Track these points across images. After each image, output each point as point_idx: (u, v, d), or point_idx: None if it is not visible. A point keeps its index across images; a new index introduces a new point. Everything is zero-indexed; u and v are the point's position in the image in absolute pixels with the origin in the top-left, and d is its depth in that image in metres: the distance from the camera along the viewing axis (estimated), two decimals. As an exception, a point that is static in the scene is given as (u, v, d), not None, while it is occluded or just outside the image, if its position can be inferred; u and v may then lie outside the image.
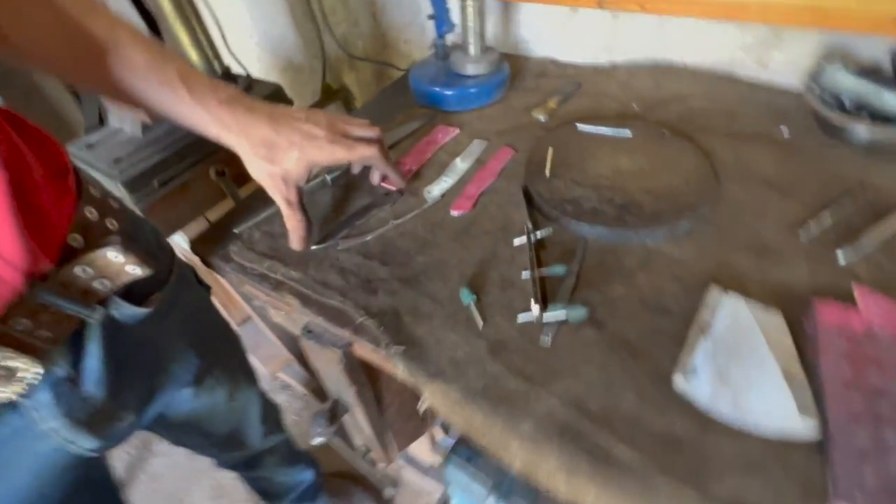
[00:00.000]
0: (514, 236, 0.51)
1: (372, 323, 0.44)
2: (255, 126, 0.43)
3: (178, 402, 0.59)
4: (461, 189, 0.58)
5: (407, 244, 0.52)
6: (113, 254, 0.38)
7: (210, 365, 0.61)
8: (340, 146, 0.46)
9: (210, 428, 0.71)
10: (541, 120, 0.68)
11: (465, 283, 0.47)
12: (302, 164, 0.45)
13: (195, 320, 0.58)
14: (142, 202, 0.77)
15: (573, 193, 0.53)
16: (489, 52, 0.73)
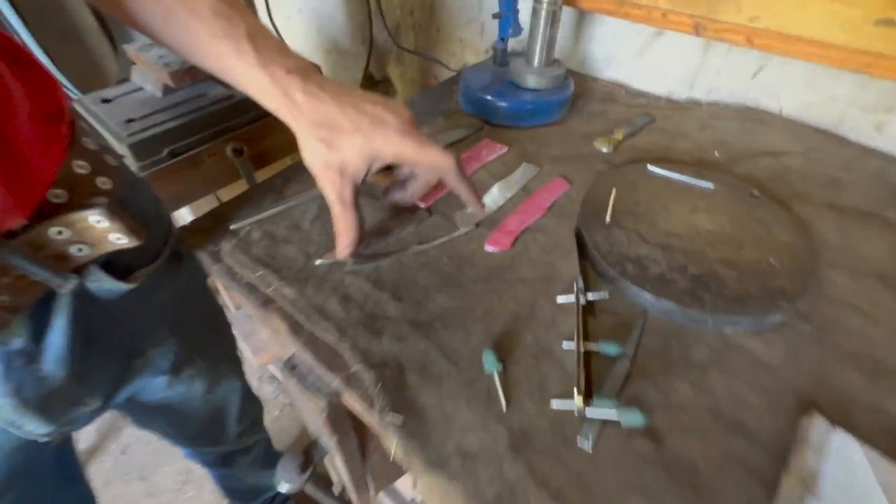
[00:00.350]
0: (559, 292, 0.42)
1: (369, 375, 0.36)
2: (319, 102, 0.36)
3: (150, 389, 0.55)
4: (501, 220, 0.49)
5: (427, 278, 0.43)
6: (96, 217, 0.33)
7: (192, 354, 0.56)
8: (412, 141, 0.37)
9: (181, 419, 0.66)
10: (603, 151, 0.58)
11: (491, 342, 0.38)
12: (364, 154, 0.36)
13: (183, 304, 0.52)
14: (147, 170, 0.70)
15: (637, 251, 0.43)
16: (555, 65, 0.64)
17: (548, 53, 0.62)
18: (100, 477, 1.29)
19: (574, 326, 0.38)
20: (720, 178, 0.51)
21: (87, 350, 0.41)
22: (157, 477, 1.29)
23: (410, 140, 0.37)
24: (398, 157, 0.38)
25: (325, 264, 0.44)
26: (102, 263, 0.37)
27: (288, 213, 0.50)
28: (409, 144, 0.37)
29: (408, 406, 0.34)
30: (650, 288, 0.40)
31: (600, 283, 0.43)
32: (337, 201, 0.38)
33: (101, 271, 0.37)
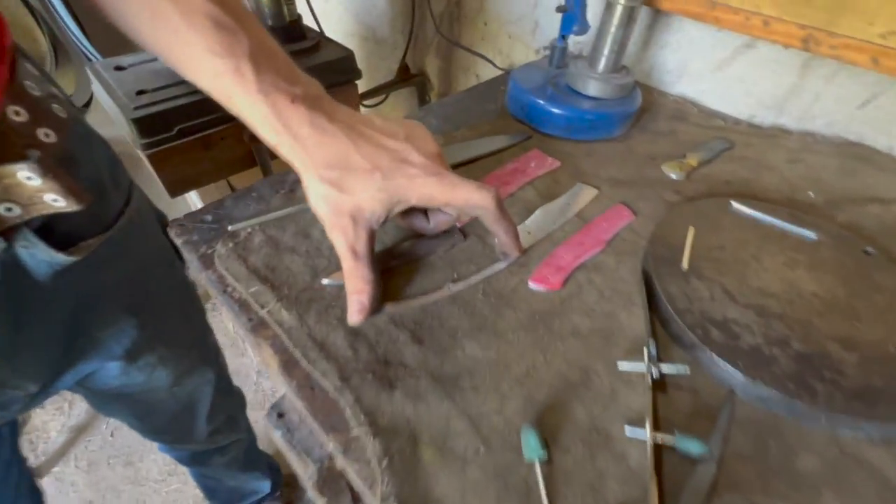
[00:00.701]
0: (621, 354, 0.33)
1: (374, 445, 0.28)
2: (328, 137, 0.30)
3: (102, 375, 0.50)
4: (550, 252, 0.40)
5: (455, 317, 0.35)
6: (26, 173, 0.29)
7: (152, 341, 0.51)
8: (440, 181, 0.31)
9: (144, 411, 0.61)
10: (672, 178, 0.49)
11: (533, 415, 0.30)
12: (382, 197, 0.30)
13: (144, 283, 0.47)
14: (153, 148, 0.64)
15: (724, 311, 0.34)
16: (623, 72, 0.55)
17: (616, 58, 0.53)
18: (86, 457, 1.24)
19: (640, 406, 0.29)
20: (822, 227, 0.41)
21: (19, 329, 0.36)
22: (143, 464, 1.24)
23: (439, 180, 0.31)
24: (425, 200, 0.31)
25: (334, 285, 0.37)
26: (39, 228, 0.33)
27: (298, 217, 0.42)
28: (437, 185, 0.31)
29: (420, 496, 0.26)
30: (743, 365, 0.31)
31: (673, 348, 0.34)
32: (348, 254, 0.31)
33: (34, 237, 0.33)
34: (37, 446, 1.26)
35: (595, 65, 0.54)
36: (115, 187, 0.41)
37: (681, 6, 0.53)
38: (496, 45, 0.86)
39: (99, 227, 0.40)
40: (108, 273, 0.43)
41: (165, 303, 0.51)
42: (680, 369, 0.30)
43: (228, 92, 0.29)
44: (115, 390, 0.54)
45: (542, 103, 0.53)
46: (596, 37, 0.53)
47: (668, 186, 0.48)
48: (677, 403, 0.31)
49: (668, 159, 0.52)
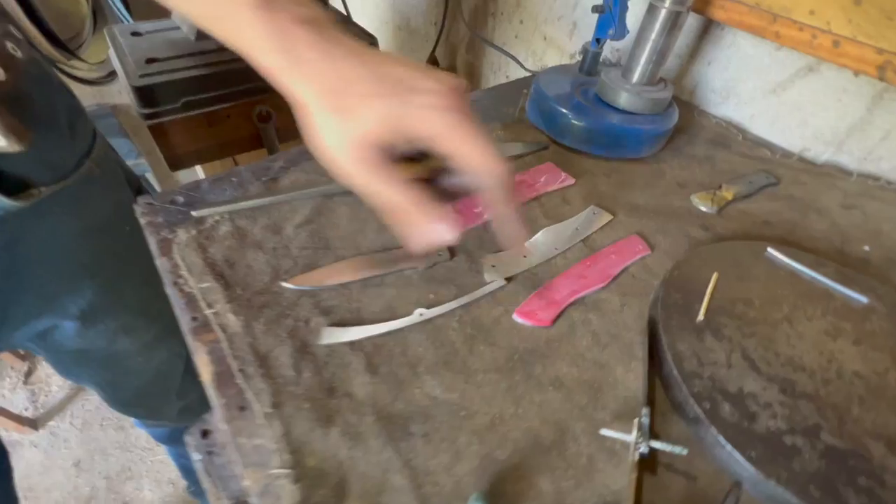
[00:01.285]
0: (608, 417, 0.28)
1: (291, 490, 0.23)
2: (334, 62, 0.25)
3: (58, 335, 0.48)
4: (544, 282, 0.35)
5: (421, 346, 0.30)
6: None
7: (113, 305, 0.49)
8: (455, 119, 0.24)
9: (108, 380, 0.59)
10: (702, 210, 0.43)
11: (487, 481, 0.25)
12: (388, 124, 0.24)
13: (106, 244, 0.45)
14: (156, 118, 0.62)
15: (741, 382, 0.28)
16: (661, 86, 0.49)
17: (654, 69, 0.47)
18: (81, 415, 1.26)
19: (621, 486, 0.24)
20: (877, 290, 0.35)
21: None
22: (133, 431, 1.25)
23: (454, 117, 0.24)
24: (433, 136, 0.25)
25: (294, 290, 0.33)
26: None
27: (272, 209, 0.39)
28: (450, 123, 0.24)
29: (332, 566, 0.21)
30: (756, 455, 0.25)
31: (673, 419, 0.28)
32: (381, 185, 0.25)
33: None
34: (38, 398, 1.29)
35: (629, 75, 0.48)
36: (72, 136, 0.40)
37: (737, 16, 0.47)
38: (530, 46, 0.81)
39: (53, 176, 0.38)
40: (62, 227, 0.41)
41: (130, 267, 0.49)
42: (675, 449, 0.25)
43: (220, 11, 0.25)
44: (75, 354, 0.52)
45: (563, 111, 0.48)
46: (634, 43, 0.47)
47: (695, 220, 0.42)
48: (668, 489, 0.25)
49: (701, 189, 0.45)
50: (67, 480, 1.15)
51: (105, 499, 1.13)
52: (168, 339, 0.57)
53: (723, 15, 0.48)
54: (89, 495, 1.13)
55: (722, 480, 0.26)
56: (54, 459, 1.18)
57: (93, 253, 0.45)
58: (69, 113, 0.40)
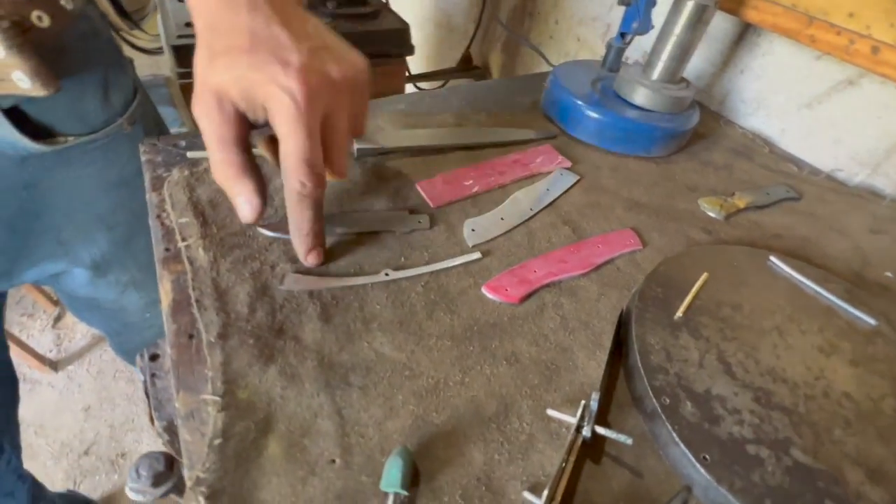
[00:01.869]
0: (558, 399, 0.26)
1: (217, 418, 0.23)
2: (230, 6, 0.24)
3: (70, 280, 0.50)
4: (522, 260, 0.34)
5: (380, 304, 0.30)
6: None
7: (125, 260, 0.50)
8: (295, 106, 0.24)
9: (116, 329, 0.62)
10: (709, 215, 0.41)
11: (416, 441, 0.24)
12: (240, 87, 0.24)
13: (128, 200, 0.46)
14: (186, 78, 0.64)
15: (711, 384, 0.26)
16: (682, 86, 0.47)
17: (675, 66, 0.45)
18: (97, 364, 1.33)
19: (553, 468, 0.22)
20: (890, 315, 0.31)
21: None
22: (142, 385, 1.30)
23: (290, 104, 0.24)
24: (267, 111, 0.25)
25: (268, 237, 0.33)
26: (12, 112, 0.34)
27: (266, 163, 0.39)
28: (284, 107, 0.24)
29: (237, 495, 0.21)
30: (712, 458, 0.23)
31: (630, 412, 0.26)
32: (213, 137, 0.26)
33: (0, 114, 0.34)
34: (62, 342, 1.37)
35: (650, 70, 0.46)
36: (106, 93, 0.41)
37: (770, 18, 0.44)
38: (563, 47, 0.80)
39: (81, 128, 0.40)
40: (85, 178, 0.43)
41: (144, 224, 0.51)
42: (620, 437, 0.23)
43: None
44: (86, 299, 0.54)
45: (578, 102, 0.47)
46: (657, 38, 0.45)
47: (698, 223, 0.40)
48: (608, 480, 0.23)
49: (711, 194, 0.43)
50: (75, 423, 1.21)
51: (106, 446, 1.17)
52: None
53: (755, 16, 0.45)
54: (92, 440, 1.18)
55: (671, 482, 0.24)
56: (67, 402, 1.24)
57: (112, 206, 0.46)
58: (110, 71, 0.41)
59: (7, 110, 0.35)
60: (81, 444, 1.17)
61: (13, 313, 1.39)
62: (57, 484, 1.09)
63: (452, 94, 0.53)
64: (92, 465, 1.14)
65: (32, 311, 1.41)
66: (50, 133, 0.38)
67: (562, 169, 0.42)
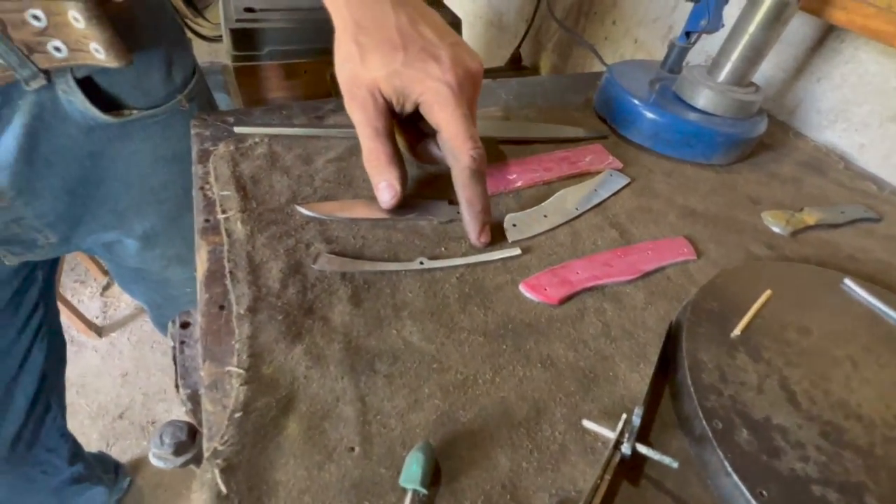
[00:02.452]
0: (595, 411, 0.24)
1: (237, 391, 0.23)
2: (374, 3, 0.28)
3: (121, 250, 0.52)
4: (563, 260, 0.32)
5: (413, 292, 0.29)
6: (74, 13, 0.31)
7: (173, 235, 0.51)
8: (449, 95, 0.28)
9: (158, 302, 0.64)
10: (773, 231, 0.37)
11: (440, 438, 0.22)
12: (395, 84, 0.28)
13: (177, 172, 0.47)
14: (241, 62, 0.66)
15: (771, 412, 0.23)
16: (750, 90, 0.43)
17: (745, 68, 0.42)
18: (137, 334, 1.39)
19: (586, 484, 0.20)
20: None
21: (39, 169, 0.38)
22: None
23: (447, 93, 0.28)
24: (422, 104, 0.29)
25: (306, 216, 0.32)
26: (84, 81, 0.36)
27: (308, 142, 0.39)
28: (441, 95, 0.28)
29: (252, 471, 0.20)
30: (769, 494, 0.20)
31: (674, 433, 0.24)
32: (368, 131, 0.30)
33: (75, 84, 0.35)
34: (108, 310, 1.44)
35: (716, 72, 0.43)
36: (169, 69, 0.42)
37: (860, 20, 0.40)
38: (619, 49, 0.76)
39: (145, 102, 0.41)
40: (143, 151, 0.44)
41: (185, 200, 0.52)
42: (665, 459, 0.21)
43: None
44: (133, 270, 0.56)
45: (634, 102, 0.44)
46: (727, 38, 0.42)
47: (760, 237, 0.37)
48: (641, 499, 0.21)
49: (775, 208, 0.39)
50: (113, 388, 1.27)
51: (139, 412, 1.23)
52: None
53: (842, 17, 0.41)
54: (127, 405, 1.24)
55: (718, 516, 0.21)
56: (107, 367, 1.31)
57: (163, 181, 0.47)
58: (173, 47, 0.43)
59: (80, 81, 0.36)
60: (117, 407, 1.23)
61: (67, 279, 1.48)
62: (92, 443, 1.15)
63: (501, 88, 0.51)
64: (124, 429, 1.19)
65: (84, 279, 1.49)
66: (116, 105, 0.39)
67: (612, 170, 0.40)
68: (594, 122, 0.48)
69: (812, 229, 0.38)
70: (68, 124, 0.38)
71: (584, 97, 0.52)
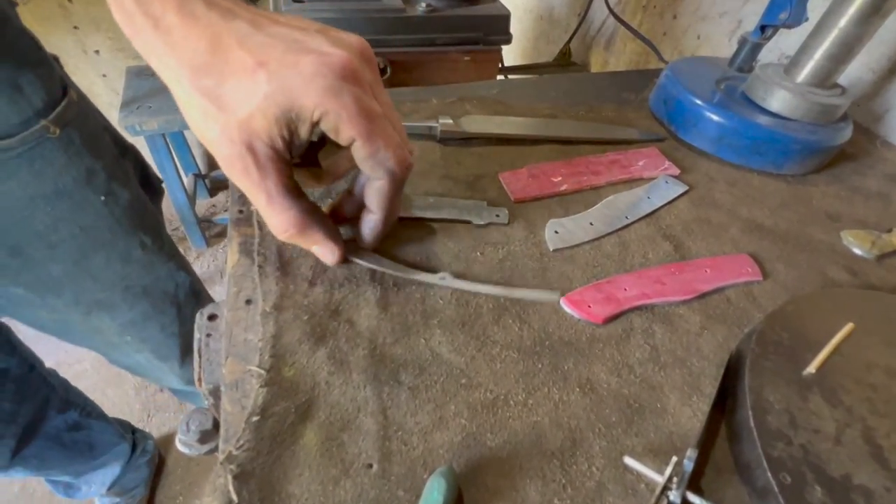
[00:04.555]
0: (639, 447, 0.22)
1: (255, 393, 0.22)
2: (202, 29, 0.19)
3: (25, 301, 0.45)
4: (610, 274, 0.29)
5: (444, 300, 0.27)
6: None
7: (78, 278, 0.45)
8: (351, 92, 0.20)
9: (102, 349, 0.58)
10: (854, 252, 0.33)
11: (464, 463, 0.20)
12: (272, 111, 0.20)
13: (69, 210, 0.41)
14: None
15: (851, 468, 0.20)
16: (834, 92, 0.38)
17: (831, 66, 0.37)
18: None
19: (629, 535, 0.18)
20: None
21: None
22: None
23: (349, 91, 0.20)
24: (322, 120, 0.20)
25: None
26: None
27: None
28: (344, 96, 0.20)
29: (265, 480, 0.19)
30: (847, 570, 0.17)
31: (729, 480, 0.21)
32: (261, 195, 0.22)
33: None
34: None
35: (794, 71, 0.39)
36: (17, 92, 0.35)
37: (977, 14, 0.34)
38: (679, 45, 0.71)
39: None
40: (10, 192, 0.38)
41: (101, 240, 0.45)
42: (720, 516, 0.18)
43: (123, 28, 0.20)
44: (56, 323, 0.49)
45: (694, 100, 0.40)
46: (810, 33, 0.37)
47: (839, 260, 0.32)
48: (695, 565, 0.19)
49: (857, 227, 0.35)
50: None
51: (178, 387, 1.28)
52: (159, 318, 0.53)
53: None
54: (168, 380, 1.30)
55: (782, 585, 0.18)
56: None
57: (49, 222, 0.40)
58: (17, 66, 0.35)
59: None
60: (155, 384, 1.29)
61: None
62: (135, 413, 1.21)
63: (550, 84, 0.48)
64: (164, 402, 1.25)
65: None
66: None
67: (668, 176, 0.37)
68: (649, 124, 0.44)
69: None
70: None
71: (638, 96, 0.48)
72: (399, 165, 0.23)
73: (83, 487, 0.80)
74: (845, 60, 0.37)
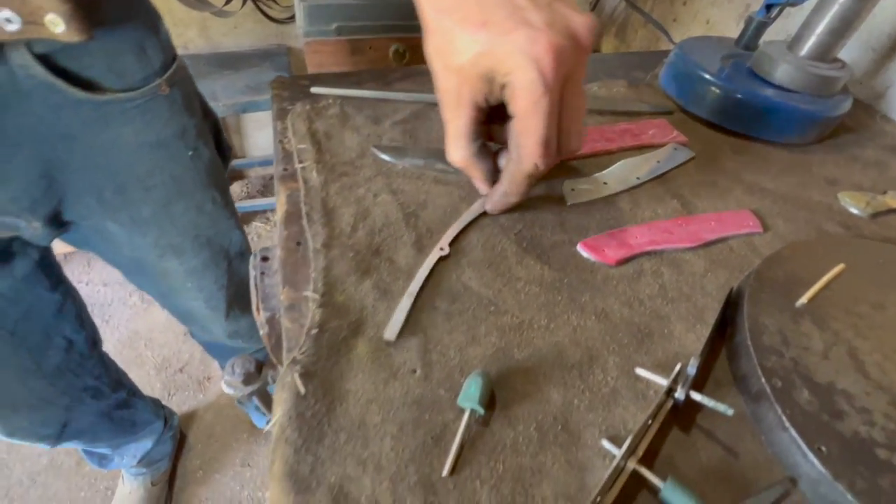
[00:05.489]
0: (651, 360, 0.25)
1: (315, 313, 0.25)
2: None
3: (112, 237, 0.49)
4: (621, 226, 0.32)
5: (471, 243, 0.30)
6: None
7: (162, 221, 0.49)
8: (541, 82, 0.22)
9: (161, 292, 0.62)
10: (850, 211, 0.36)
11: (496, 370, 0.24)
12: (482, 66, 0.23)
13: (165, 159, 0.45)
14: (312, 37, 0.69)
15: (835, 378, 0.23)
16: (835, 66, 0.41)
17: (831, 40, 0.39)
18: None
19: (636, 424, 0.21)
20: None
21: (6, 149, 0.37)
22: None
23: (535, 77, 0.22)
24: (506, 85, 0.24)
25: (372, 168, 0.34)
26: (45, 59, 0.33)
27: (377, 106, 0.41)
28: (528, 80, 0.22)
29: (326, 378, 0.22)
30: (829, 451, 0.20)
31: (727, 392, 0.24)
32: (451, 131, 0.27)
33: (34, 60, 0.33)
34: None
35: (797, 45, 0.41)
36: (142, 51, 0.40)
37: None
38: (687, 30, 0.74)
39: (120, 84, 0.39)
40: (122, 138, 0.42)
41: (184, 190, 0.50)
42: (719, 406, 0.21)
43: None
44: (131, 260, 0.54)
45: (706, 76, 0.43)
46: (813, 9, 0.40)
47: (835, 216, 0.35)
48: (696, 452, 0.22)
49: (853, 189, 0.37)
50: (176, 343, 1.38)
51: (196, 367, 1.33)
52: (214, 270, 0.58)
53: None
54: (187, 360, 1.34)
55: (771, 469, 0.21)
56: (172, 324, 1.42)
57: (149, 168, 0.45)
58: (143, 29, 0.40)
59: (41, 57, 0.34)
60: (178, 362, 1.34)
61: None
62: (155, 392, 1.26)
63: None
64: (184, 382, 1.30)
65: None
66: (90, 87, 0.38)
67: (676, 144, 0.39)
68: (659, 99, 0.47)
69: (894, 212, 0.36)
70: (32, 102, 0.36)
71: (647, 73, 0.51)
72: (532, 163, 0.26)
73: (116, 459, 0.84)
74: (845, 35, 0.39)
